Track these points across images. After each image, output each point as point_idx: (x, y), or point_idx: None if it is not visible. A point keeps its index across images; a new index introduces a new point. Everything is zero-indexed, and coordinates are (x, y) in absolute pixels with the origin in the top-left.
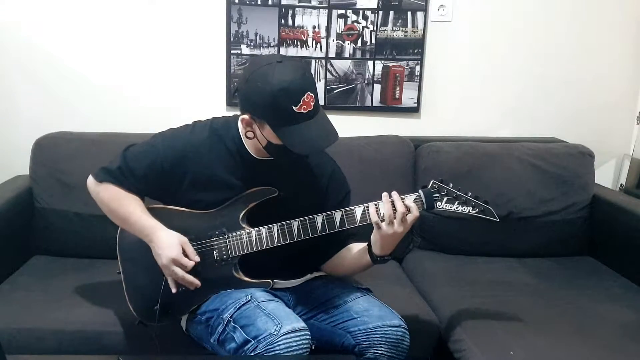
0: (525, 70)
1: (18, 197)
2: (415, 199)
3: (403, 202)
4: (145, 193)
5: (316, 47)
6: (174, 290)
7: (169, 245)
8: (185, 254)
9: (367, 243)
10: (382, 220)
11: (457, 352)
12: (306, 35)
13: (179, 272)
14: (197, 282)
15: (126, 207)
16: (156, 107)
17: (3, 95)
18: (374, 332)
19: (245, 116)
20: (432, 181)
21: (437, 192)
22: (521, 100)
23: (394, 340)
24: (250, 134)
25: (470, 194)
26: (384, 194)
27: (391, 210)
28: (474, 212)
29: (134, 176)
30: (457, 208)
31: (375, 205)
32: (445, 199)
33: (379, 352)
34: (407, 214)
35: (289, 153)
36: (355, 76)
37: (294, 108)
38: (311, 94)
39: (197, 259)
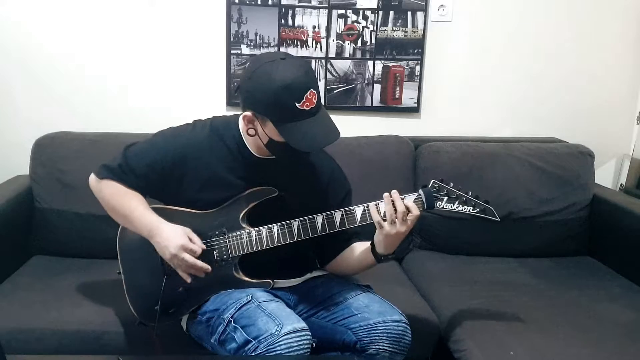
0: (525, 70)
1: (18, 197)
2: (415, 199)
3: (403, 201)
4: (146, 192)
5: (316, 47)
6: (188, 281)
7: (175, 234)
8: (191, 241)
9: (370, 242)
10: (384, 220)
11: (457, 352)
12: (306, 35)
13: (189, 258)
14: (207, 266)
15: (128, 203)
16: (156, 107)
17: (3, 95)
18: (375, 328)
19: (248, 113)
20: (432, 181)
21: (437, 191)
22: (521, 100)
23: (395, 335)
24: (251, 131)
25: (470, 193)
26: (385, 195)
27: (392, 210)
28: (475, 211)
29: (135, 175)
30: (457, 208)
31: (376, 205)
32: (446, 198)
33: (381, 347)
34: (407, 214)
35: (290, 151)
36: (355, 76)
37: (296, 105)
38: (314, 91)
39: (203, 246)
